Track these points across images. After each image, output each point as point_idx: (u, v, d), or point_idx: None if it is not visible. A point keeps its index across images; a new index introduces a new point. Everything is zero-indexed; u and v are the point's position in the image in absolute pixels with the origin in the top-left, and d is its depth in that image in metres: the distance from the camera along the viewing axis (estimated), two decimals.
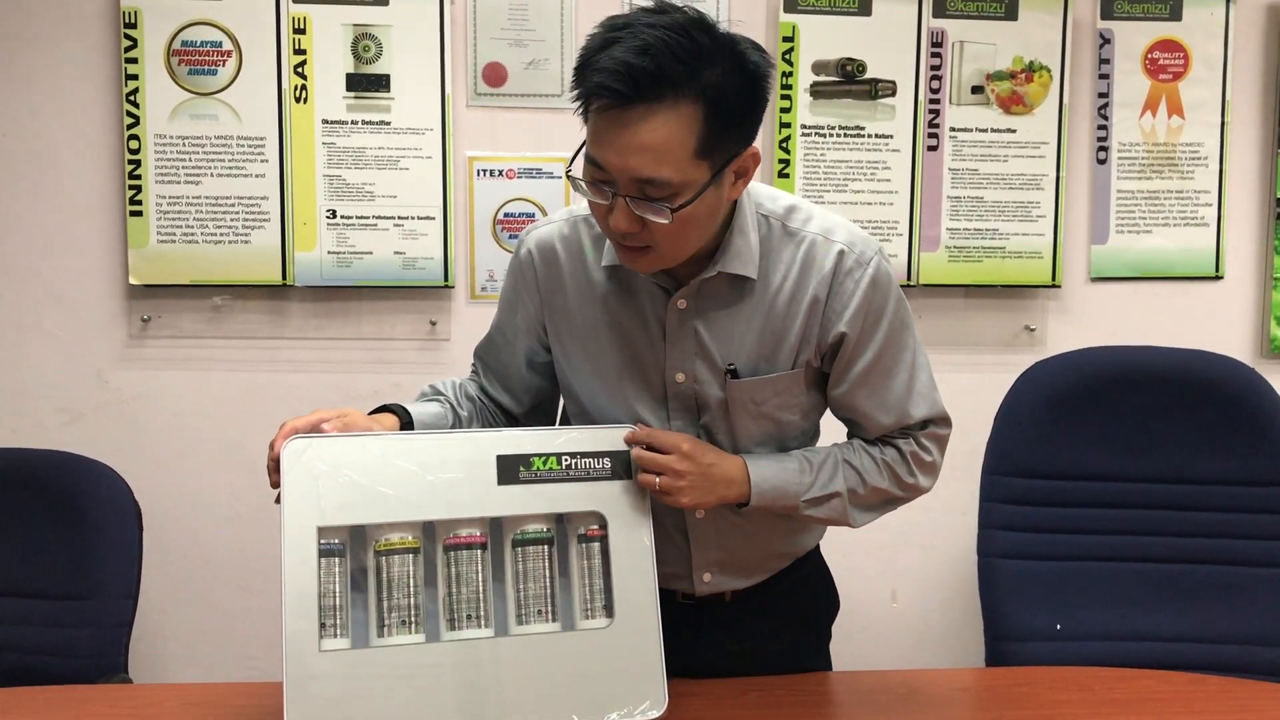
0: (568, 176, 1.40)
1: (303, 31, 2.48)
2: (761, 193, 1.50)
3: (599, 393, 1.54)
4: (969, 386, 2.62)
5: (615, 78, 1.24)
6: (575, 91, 1.31)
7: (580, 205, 1.54)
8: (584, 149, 1.33)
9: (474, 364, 1.69)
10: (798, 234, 1.47)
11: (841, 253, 1.45)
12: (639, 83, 1.24)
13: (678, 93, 1.26)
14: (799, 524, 1.59)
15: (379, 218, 2.53)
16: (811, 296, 1.45)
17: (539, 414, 1.68)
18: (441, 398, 1.59)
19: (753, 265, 1.45)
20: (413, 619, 1.36)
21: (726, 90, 1.28)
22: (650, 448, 1.43)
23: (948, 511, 2.68)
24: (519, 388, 1.63)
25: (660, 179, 1.28)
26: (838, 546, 1.87)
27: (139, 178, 2.48)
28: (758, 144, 1.38)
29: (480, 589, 1.38)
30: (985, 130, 2.65)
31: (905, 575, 2.75)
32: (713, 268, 1.44)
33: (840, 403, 1.53)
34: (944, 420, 1.58)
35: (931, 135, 2.64)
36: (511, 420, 1.66)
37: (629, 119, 1.26)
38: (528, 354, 1.60)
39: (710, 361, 1.48)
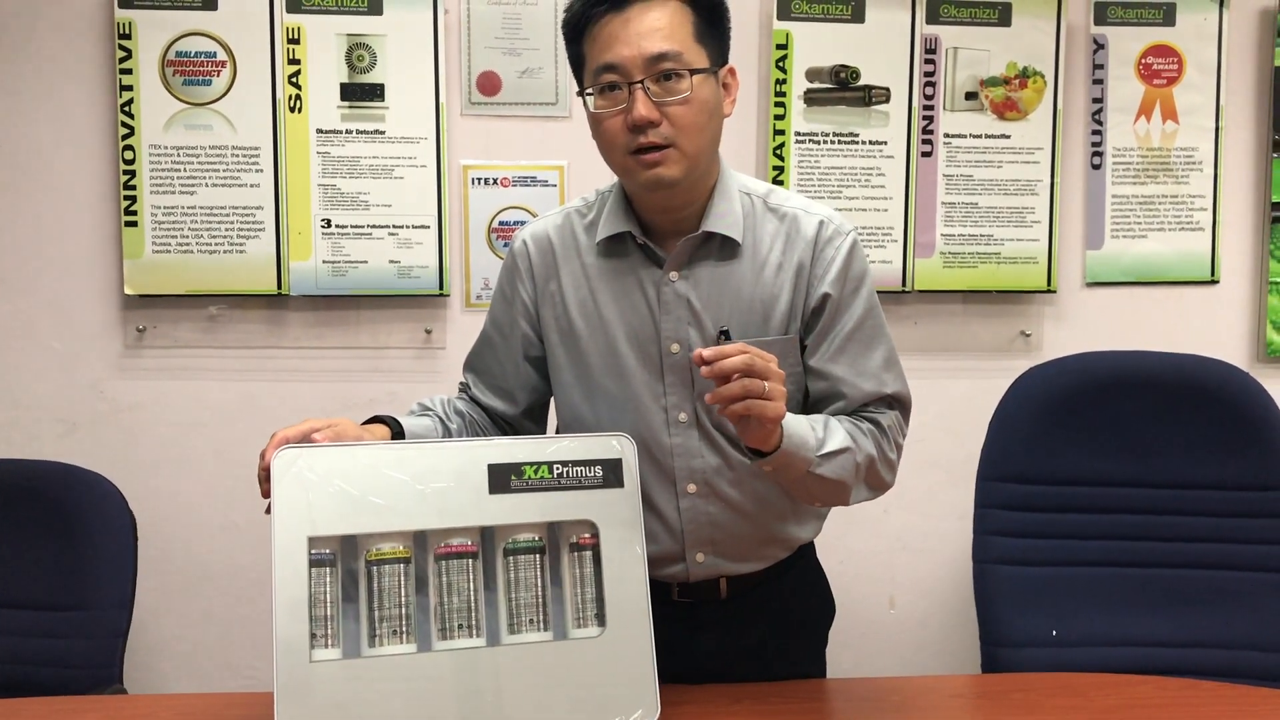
0: (582, 95, 1.48)
1: (297, 41, 2.48)
2: (741, 177, 1.61)
3: (590, 376, 1.56)
4: (965, 392, 2.64)
5: None
6: (571, 26, 1.47)
7: (573, 201, 1.64)
8: (588, 81, 1.47)
9: (462, 381, 1.72)
10: (779, 209, 1.57)
11: (822, 222, 1.55)
12: None
13: None
14: (789, 507, 1.59)
15: (374, 227, 2.53)
16: (797, 263, 1.53)
17: (532, 418, 1.69)
18: (431, 413, 1.61)
19: (738, 228, 1.52)
20: (404, 629, 1.36)
21: (700, 2, 1.47)
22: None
23: (945, 517, 2.69)
24: (515, 385, 1.65)
25: (671, 51, 1.42)
26: (835, 553, 1.87)
27: (134, 188, 2.48)
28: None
29: (472, 598, 1.38)
30: (979, 136, 2.65)
31: (903, 581, 2.75)
32: (700, 229, 1.52)
33: (822, 372, 1.54)
34: (908, 409, 1.59)
35: (925, 141, 2.64)
36: (504, 432, 1.67)
37: (630, 14, 1.43)
38: (524, 345, 1.63)
39: (703, 329, 1.52)
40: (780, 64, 2.58)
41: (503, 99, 2.56)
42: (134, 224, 2.48)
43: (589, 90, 1.46)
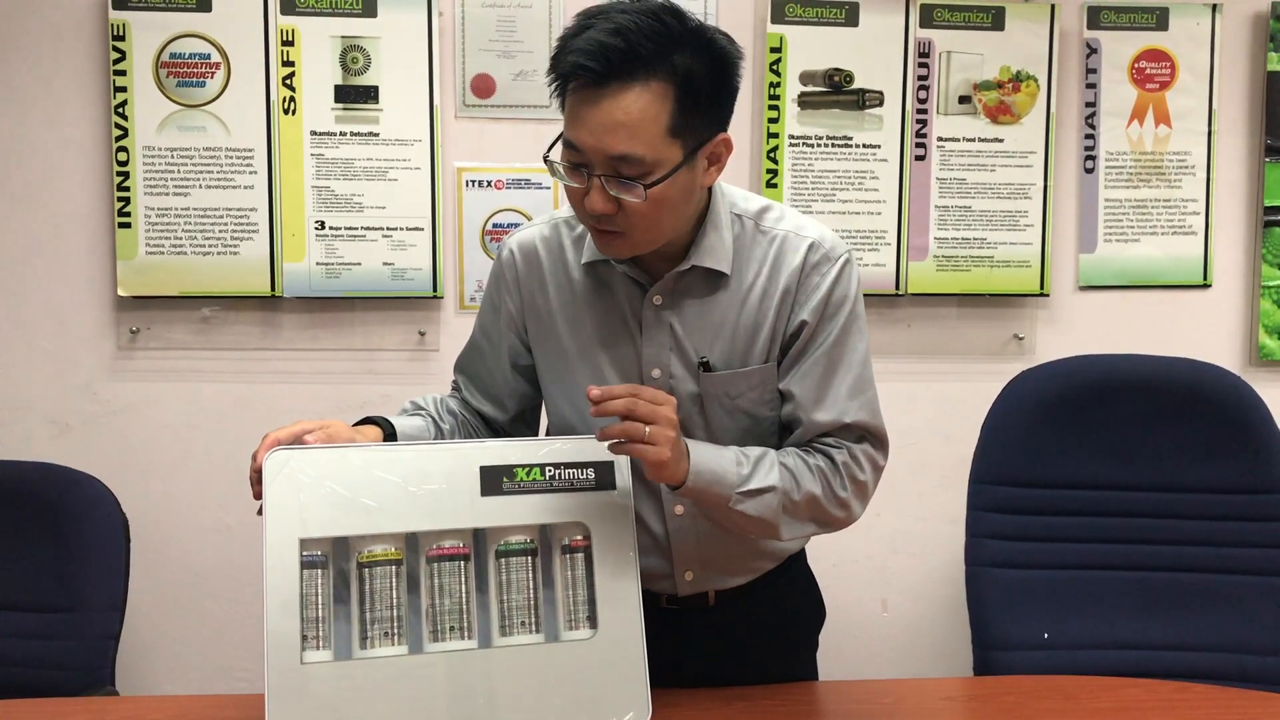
0: (546, 162, 1.41)
1: (291, 43, 2.48)
2: (735, 194, 1.54)
3: (577, 391, 1.54)
4: (957, 395, 2.65)
5: (589, 56, 1.30)
6: (551, 76, 1.36)
7: (562, 209, 1.59)
8: (561, 136, 1.38)
9: (454, 381, 1.70)
10: (770, 231, 1.51)
11: (812, 245, 1.49)
12: (611, 61, 1.30)
13: (649, 72, 1.31)
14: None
15: (368, 229, 2.53)
16: (782, 289, 1.49)
17: (524, 422, 1.68)
18: (423, 412, 1.59)
19: (726, 261, 1.48)
20: (396, 631, 1.36)
21: (696, 72, 1.33)
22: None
23: (937, 520, 2.69)
24: (504, 393, 1.64)
25: (633, 155, 1.32)
26: (828, 556, 1.87)
27: (127, 189, 2.48)
28: (746, 150, 1.38)
29: (464, 600, 1.38)
30: (973, 140, 2.66)
31: (895, 584, 2.75)
32: (687, 262, 1.47)
33: (785, 393, 1.51)
34: (880, 438, 1.53)
35: (919, 145, 2.64)
36: (495, 433, 1.66)
37: (602, 97, 1.31)
38: (512, 355, 1.61)
39: (684, 356, 1.50)
40: (774, 67, 2.59)
41: (497, 101, 2.56)
42: (128, 225, 2.48)
43: (553, 160, 1.40)
